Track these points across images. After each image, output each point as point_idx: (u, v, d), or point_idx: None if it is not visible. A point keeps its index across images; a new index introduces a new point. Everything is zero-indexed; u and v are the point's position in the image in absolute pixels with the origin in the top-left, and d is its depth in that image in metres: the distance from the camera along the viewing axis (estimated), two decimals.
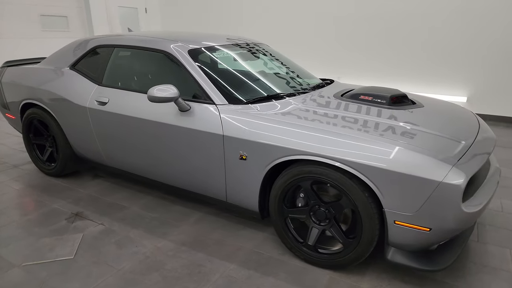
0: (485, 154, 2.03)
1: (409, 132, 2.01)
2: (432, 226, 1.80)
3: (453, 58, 5.91)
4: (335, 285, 2.05)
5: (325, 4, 6.84)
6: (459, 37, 5.79)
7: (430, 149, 1.85)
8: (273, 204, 2.25)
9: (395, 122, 2.14)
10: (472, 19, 5.63)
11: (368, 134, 1.95)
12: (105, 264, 2.25)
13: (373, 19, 6.44)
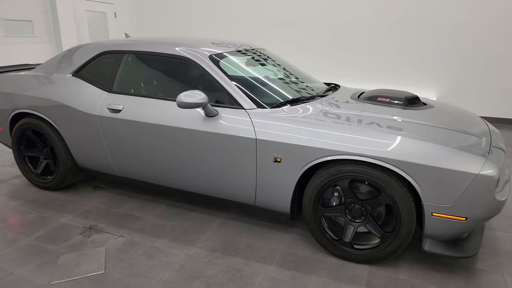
0: (501, 149, 2.24)
1: (436, 130, 2.17)
2: (468, 215, 1.96)
3: (424, 61, 6.36)
4: (375, 278, 2.15)
5: (285, 8, 7.06)
6: (427, 43, 6.25)
7: (463, 145, 2.02)
8: (307, 204, 2.31)
9: (419, 121, 2.29)
10: (440, 27, 6.10)
11: (403, 133, 2.08)
12: (140, 276, 2.17)
13: (352, 26, 6.75)
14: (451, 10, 6.01)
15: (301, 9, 7.07)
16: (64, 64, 3.11)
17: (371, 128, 2.14)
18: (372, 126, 2.17)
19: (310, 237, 2.61)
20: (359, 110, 2.44)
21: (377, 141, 2.05)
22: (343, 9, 6.71)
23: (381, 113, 2.40)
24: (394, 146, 2.01)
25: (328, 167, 2.19)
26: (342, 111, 2.43)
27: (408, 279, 2.14)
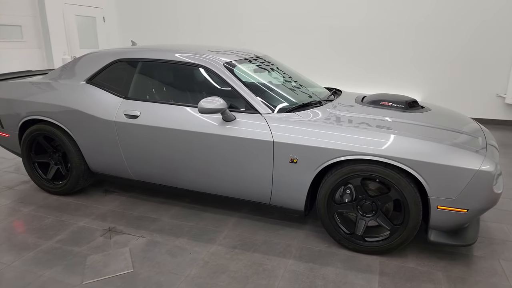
0: (494, 147, 2.49)
1: (438, 131, 2.40)
2: (469, 207, 2.18)
3: (410, 66, 6.69)
4: (386, 267, 2.35)
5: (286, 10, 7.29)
6: (413, 48, 6.59)
7: (463, 144, 2.25)
8: (322, 201, 2.49)
9: (421, 123, 2.52)
10: (426, 34, 6.46)
11: (410, 134, 2.30)
12: (169, 273, 2.29)
13: (340, 33, 7.02)
14: (437, 17, 6.37)
15: (293, 14, 7.30)
16: (76, 72, 3.19)
17: (381, 130, 2.34)
18: (381, 128, 2.37)
19: (322, 232, 2.79)
20: (366, 113, 2.65)
21: (388, 142, 2.25)
22: (332, 16, 6.98)
23: (386, 116, 2.62)
24: (403, 146, 2.22)
25: (341, 166, 2.38)
26: (351, 114, 2.63)
27: (415, 267, 2.35)
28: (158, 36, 8.61)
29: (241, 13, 7.70)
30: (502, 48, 6.21)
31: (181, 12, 8.21)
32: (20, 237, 2.69)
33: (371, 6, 6.72)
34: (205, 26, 8.06)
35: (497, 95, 6.45)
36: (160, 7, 8.39)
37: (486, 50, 6.28)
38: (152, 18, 8.55)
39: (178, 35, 8.39)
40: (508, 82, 6.26)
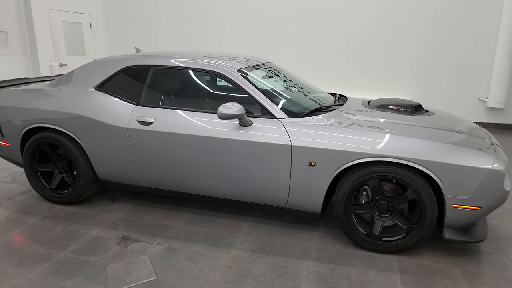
0: (500, 147, 2.63)
1: (447, 133, 2.51)
2: (482, 205, 2.30)
3: (395, 71, 6.93)
4: (405, 266, 2.43)
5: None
6: (401, 56, 6.84)
7: (475, 145, 2.37)
8: (340, 203, 2.55)
9: (430, 125, 2.63)
10: (412, 42, 6.72)
11: (425, 136, 2.40)
12: (193, 279, 2.29)
13: (344, 40, 7.19)
14: (423, 27, 6.64)
15: (285, 20, 7.42)
16: (84, 79, 3.14)
17: (396, 133, 2.44)
18: (396, 131, 2.47)
19: (336, 234, 2.85)
20: (377, 117, 2.74)
21: (405, 144, 2.34)
22: (322, 24, 7.15)
23: (396, 119, 2.72)
24: (420, 148, 2.31)
25: (359, 168, 2.45)
26: (363, 118, 2.72)
27: (432, 264, 2.45)
28: (145, 42, 8.55)
29: (231, 19, 7.77)
30: (483, 56, 6.53)
31: (168, 19, 8.20)
32: (31, 249, 2.62)
33: (364, 16, 6.93)
34: (192, 32, 8.08)
35: (479, 99, 6.76)
36: (147, 13, 8.35)
37: (469, 57, 6.59)
38: (139, 24, 8.51)
39: (165, 41, 8.37)
40: (489, 87, 6.58)
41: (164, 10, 8.19)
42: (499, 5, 6.26)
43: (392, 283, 2.25)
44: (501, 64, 6.33)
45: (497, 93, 6.45)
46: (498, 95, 6.45)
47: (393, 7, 6.74)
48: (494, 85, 6.46)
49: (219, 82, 3.04)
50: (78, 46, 8.41)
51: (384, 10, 6.80)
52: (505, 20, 6.15)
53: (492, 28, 6.39)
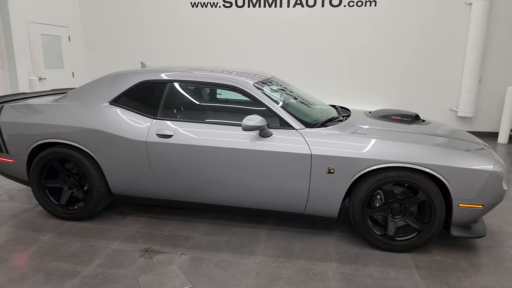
0: (493, 150, 2.94)
1: (448, 140, 2.79)
2: (484, 203, 2.57)
3: (377, 84, 7.36)
4: (419, 262, 2.64)
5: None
6: (380, 69, 7.29)
7: (475, 150, 2.65)
8: (357, 207, 2.74)
9: (432, 133, 2.90)
10: (389, 56, 7.19)
11: (432, 143, 2.65)
12: (227, 285, 2.37)
13: (320, 55, 7.53)
14: (398, 42, 7.14)
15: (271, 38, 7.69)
16: (98, 93, 3.16)
17: (407, 140, 2.68)
18: (405, 138, 2.71)
19: (349, 236, 3.03)
20: (385, 127, 2.98)
21: (416, 150, 2.58)
22: (312, 42, 7.50)
23: (402, 128, 2.97)
24: (430, 154, 2.56)
25: (374, 174, 2.66)
26: (373, 127, 2.95)
27: (442, 259, 2.68)
28: (124, 55, 8.52)
29: (212, 33, 7.94)
30: (453, 69, 7.11)
31: (147, 31, 8.26)
32: (54, 265, 2.58)
33: (345, 33, 7.34)
34: (173, 45, 8.19)
35: (450, 109, 7.31)
36: (126, 26, 8.36)
37: (441, 71, 7.14)
38: (118, 37, 8.49)
39: (144, 54, 8.40)
40: (459, 98, 7.14)
41: (143, 23, 8.24)
42: (466, 26, 6.88)
43: (412, 278, 2.45)
44: (469, 76, 6.92)
45: (467, 103, 7.02)
46: (467, 105, 7.02)
47: (373, 27, 7.20)
48: (464, 96, 7.03)
49: (234, 96, 3.17)
50: (57, 59, 8.23)
51: (365, 30, 7.25)
52: (471, 37, 6.76)
53: (461, 44, 6.98)
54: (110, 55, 8.66)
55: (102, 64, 8.77)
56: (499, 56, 6.96)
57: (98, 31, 8.59)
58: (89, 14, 8.59)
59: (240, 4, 7.75)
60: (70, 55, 8.52)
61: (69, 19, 8.40)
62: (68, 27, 8.43)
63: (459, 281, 2.43)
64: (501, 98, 7.09)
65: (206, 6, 7.94)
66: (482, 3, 6.57)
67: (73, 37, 8.54)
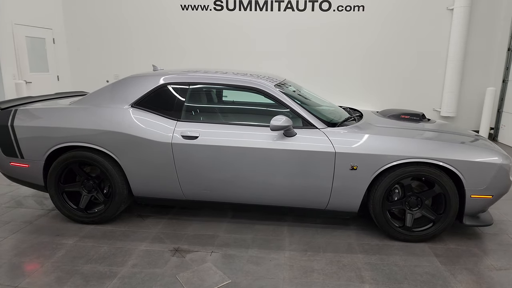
0: (496, 145, 3.21)
1: (458, 136, 3.02)
2: (493, 193, 2.81)
3: (365, 85, 7.67)
4: (436, 250, 2.84)
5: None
6: (367, 72, 7.60)
7: (483, 145, 2.89)
8: (378, 201, 2.91)
9: (441, 130, 3.13)
10: (376, 59, 7.51)
11: (445, 138, 2.87)
12: (265, 278, 2.47)
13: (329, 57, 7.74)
14: (385, 46, 7.47)
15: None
16: (118, 96, 3.18)
17: (423, 137, 2.88)
18: (420, 135, 2.91)
19: (368, 229, 3.20)
20: (397, 125, 3.18)
21: (433, 146, 2.79)
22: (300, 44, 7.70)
23: (413, 127, 3.17)
24: (445, 149, 2.77)
25: (393, 170, 2.84)
26: (388, 126, 3.13)
27: (456, 247, 2.90)
28: (107, 57, 8.41)
29: (203, 38, 7.99)
30: (436, 71, 7.52)
31: (132, 33, 8.21)
32: (88, 268, 2.59)
33: (334, 36, 7.59)
34: (156, 47, 8.19)
35: (433, 109, 7.71)
36: (110, 28, 8.27)
37: (425, 73, 7.54)
38: (102, 39, 8.37)
39: (126, 56, 8.34)
40: (442, 99, 7.56)
41: (129, 25, 8.18)
42: (448, 30, 7.30)
43: (434, 265, 2.64)
44: (451, 78, 7.33)
45: (449, 104, 7.43)
46: (449, 105, 7.44)
47: (361, 31, 7.50)
48: (446, 96, 7.44)
49: (253, 98, 3.26)
50: (42, 62, 8.01)
51: (353, 33, 7.53)
52: (453, 41, 7.18)
53: (443, 47, 7.40)
54: (94, 57, 8.52)
55: (86, 66, 8.60)
56: (479, 59, 7.43)
57: (81, 32, 8.43)
58: (73, 15, 8.42)
59: (231, 7, 7.85)
60: (55, 58, 8.32)
61: (53, 21, 8.20)
62: (53, 29, 8.23)
63: (476, 265, 2.64)
64: (481, 98, 7.55)
65: (196, 9, 7.99)
66: (463, 9, 7.00)
67: (58, 39, 8.35)
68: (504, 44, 7.19)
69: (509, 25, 7.05)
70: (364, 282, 2.43)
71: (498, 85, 7.35)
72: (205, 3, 7.90)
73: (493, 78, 7.48)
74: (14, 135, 3.20)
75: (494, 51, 7.37)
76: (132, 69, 8.36)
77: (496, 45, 7.32)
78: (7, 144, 3.22)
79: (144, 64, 8.30)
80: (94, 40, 8.41)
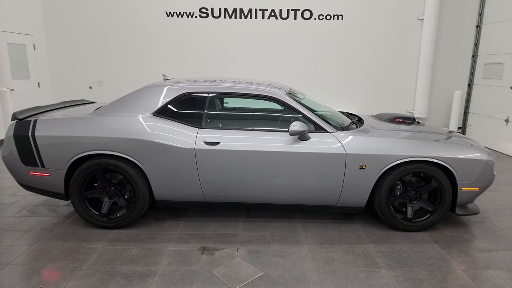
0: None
1: (450, 136, 3.44)
2: (480, 186, 3.25)
3: (344, 89, 8.14)
4: (435, 237, 3.24)
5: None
6: (346, 77, 8.07)
7: (471, 143, 3.32)
8: (383, 196, 3.26)
9: (433, 131, 3.55)
10: (354, 65, 8.00)
11: (440, 140, 3.27)
12: (293, 269, 2.74)
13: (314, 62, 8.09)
14: (363, 52, 7.98)
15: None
16: (138, 106, 3.33)
17: (421, 138, 3.27)
18: (418, 137, 3.30)
19: (371, 222, 3.55)
20: (395, 128, 3.56)
21: (431, 146, 3.18)
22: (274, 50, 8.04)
23: (408, 129, 3.57)
24: (441, 148, 3.17)
25: (396, 167, 3.21)
26: (387, 129, 3.51)
27: (451, 234, 3.31)
28: (90, 64, 8.37)
29: (187, 45, 8.16)
30: (409, 76, 8.13)
31: (110, 38, 8.24)
32: (126, 268, 2.74)
33: (316, 43, 8.00)
34: (136, 53, 8.28)
35: (407, 111, 8.31)
36: (88, 34, 8.25)
37: (398, 77, 8.12)
38: (82, 44, 8.33)
39: (110, 61, 8.36)
40: (415, 101, 8.17)
41: (108, 31, 8.19)
42: (419, 38, 7.92)
43: (436, 250, 3.02)
44: (422, 82, 7.96)
45: (421, 106, 8.06)
46: (421, 107, 8.06)
47: (340, 38, 7.97)
48: (418, 99, 8.06)
49: (264, 105, 3.53)
50: (23, 69, 7.84)
51: (333, 40, 7.99)
52: (423, 48, 7.81)
53: (415, 53, 8.02)
54: (74, 63, 8.44)
55: (66, 73, 8.49)
56: (447, 64, 8.11)
57: (63, 39, 8.33)
58: (53, 20, 8.30)
59: (217, 14, 8.08)
60: (36, 64, 8.16)
61: (33, 26, 8.05)
62: (33, 35, 8.08)
63: (470, 249, 3.06)
64: (449, 101, 8.24)
65: (182, 16, 8.14)
66: (432, 19, 7.65)
67: (38, 46, 8.20)
68: (469, 51, 7.91)
69: (473, 34, 7.77)
70: (380, 268, 2.76)
71: (464, 88, 8.07)
72: (191, 10, 8.08)
73: (459, 82, 8.20)
74: (35, 145, 3.27)
75: (460, 57, 8.09)
76: (113, 76, 8.38)
77: (462, 52, 8.04)
78: (27, 154, 3.28)
79: (125, 71, 8.32)
80: (75, 46, 8.33)
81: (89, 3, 8.10)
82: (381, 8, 7.89)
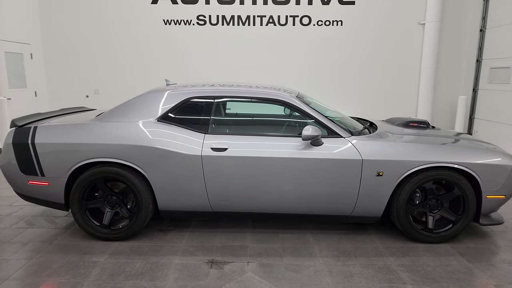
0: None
1: (471, 141, 3.26)
2: (505, 193, 3.06)
3: (347, 94, 8.00)
4: (459, 249, 3.03)
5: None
6: (351, 82, 7.94)
7: (494, 148, 3.14)
8: (402, 205, 3.06)
9: (451, 136, 3.37)
10: (361, 72, 7.88)
11: (462, 145, 3.09)
12: (310, 285, 2.53)
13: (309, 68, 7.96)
14: (366, 59, 7.87)
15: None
16: (143, 111, 3.15)
17: (439, 142, 3.09)
18: (437, 141, 3.12)
19: (388, 233, 3.35)
20: (411, 133, 3.39)
21: (452, 151, 3.00)
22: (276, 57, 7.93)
23: (425, 134, 3.39)
24: (463, 154, 2.99)
25: (416, 174, 3.02)
26: (403, 133, 3.33)
27: (475, 245, 3.10)
28: (86, 71, 8.25)
29: (184, 52, 8.04)
30: (411, 81, 8.04)
31: (104, 48, 8.15)
32: (131, 284, 2.52)
33: (315, 49, 7.89)
34: (134, 61, 8.18)
35: (409, 116, 8.15)
36: (85, 43, 8.17)
37: (401, 83, 8.03)
38: (79, 53, 8.24)
39: (105, 68, 8.27)
40: (417, 106, 8.03)
41: (105, 40, 8.11)
42: (420, 43, 7.83)
43: (463, 263, 2.82)
44: (425, 88, 7.84)
45: (424, 112, 7.92)
46: (425, 113, 7.92)
47: (340, 44, 7.87)
48: (421, 105, 7.92)
49: (285, 109, 3.34)
50: (20, 78, 7.70)
51: (333, 46, 7.88)
52: (426, 53, 7.70)
53: (417, 59, 7.91)
54: (72, 73, 8.34)
55: (63, 82, 8.38)
56: (450, 69, 8.00)
57: (60, 48, 8.23)
58: (51, 29, 8.23)
59: (214, 22, 7.98)
60: (33, 73, 8.02)
61: (30, 35, 7.93)
62: (30, 44, 7.95)
63: (498, 261, 2.85)
64: (453, 106, 8.10)
65: (179, 24, 8.03)
66: (433, 23, 7.56)
67: (35, 55, 8.07)
68: (473, 56, 7.80)
69: (476, 38, 7.66)
70: (406, 283, 2.55)
71: (469, 93, 7.93)
72: (188, 18, 7.98)
73: (463, 87, 8.07)
74: (35, 153, 3.08)
75: (463, 62, 7.97)
76: (110, 85, 8.25)
77: (465, 57, 7.93)
78: (27, 162, 3.09)
79: (122, 80, 8.19)
80: (72, 55, 8.24)
81: (86, 12, 8.01)
82: (381, 14, 7.81)
